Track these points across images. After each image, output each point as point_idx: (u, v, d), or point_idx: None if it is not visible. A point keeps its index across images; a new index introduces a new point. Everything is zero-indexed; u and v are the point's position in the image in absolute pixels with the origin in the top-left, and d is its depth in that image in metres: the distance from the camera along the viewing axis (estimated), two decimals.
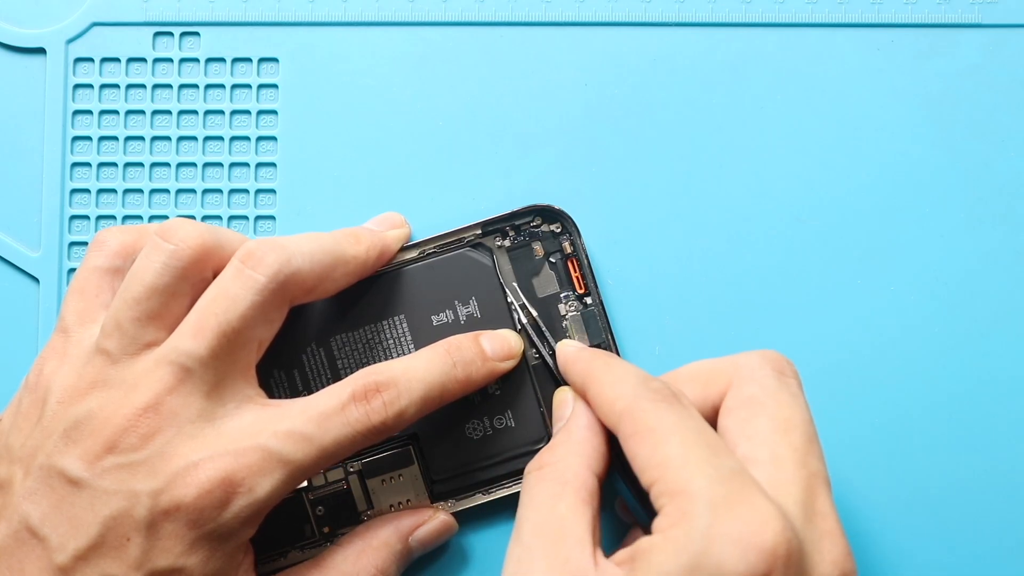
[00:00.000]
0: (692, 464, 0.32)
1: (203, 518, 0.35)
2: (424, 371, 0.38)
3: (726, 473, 0.32)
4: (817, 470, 0.33)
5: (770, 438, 0.34)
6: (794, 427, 0.34)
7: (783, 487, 0.33)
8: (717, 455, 0.32)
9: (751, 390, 0.35)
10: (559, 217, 0.42)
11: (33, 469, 0.36)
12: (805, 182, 0.43)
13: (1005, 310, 0.43)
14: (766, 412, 0.34)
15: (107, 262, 0.39)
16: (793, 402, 0.35)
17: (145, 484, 0.35)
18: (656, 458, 0.33)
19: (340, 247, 0.39)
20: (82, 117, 0.44)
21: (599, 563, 0.32)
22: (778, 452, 0.33)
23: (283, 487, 0.36)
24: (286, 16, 0.44)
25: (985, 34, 0.44)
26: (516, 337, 0.41)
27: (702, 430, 0.33)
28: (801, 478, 0.33)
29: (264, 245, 0.37)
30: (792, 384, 0.35)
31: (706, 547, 0.30)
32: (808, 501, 0.33)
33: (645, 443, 0.33)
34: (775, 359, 0.36)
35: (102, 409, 0.36)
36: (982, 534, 0.42)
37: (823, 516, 0.33)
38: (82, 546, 0.35)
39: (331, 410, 0.36)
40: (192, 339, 0.36)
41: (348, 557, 0.39)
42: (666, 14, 0.44)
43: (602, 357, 0.37)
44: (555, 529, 0.33)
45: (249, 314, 0.36)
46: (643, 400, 0.34)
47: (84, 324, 0.38)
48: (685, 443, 0.33)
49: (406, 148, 0.43)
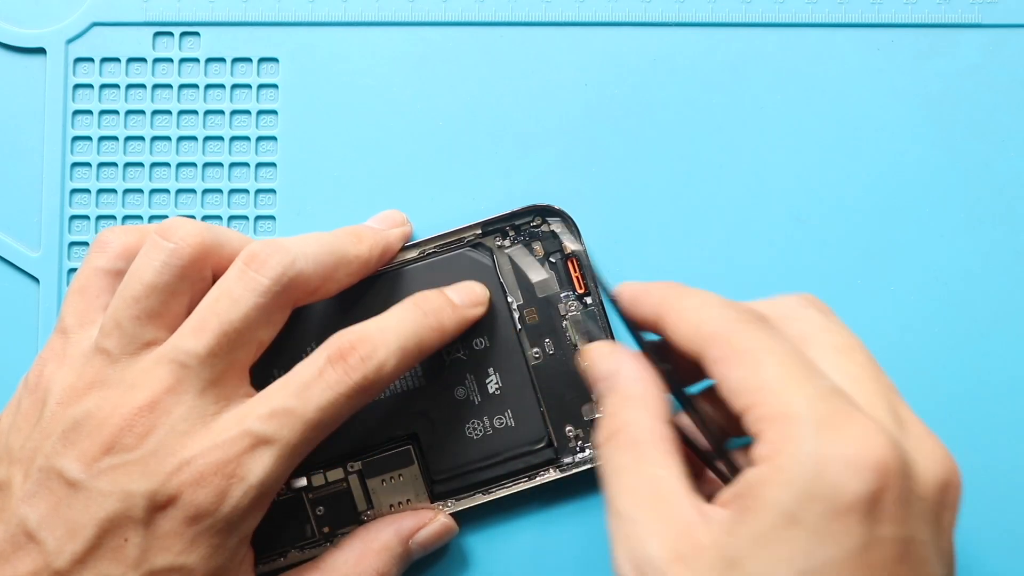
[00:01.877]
0: (792, 385, 0.31)
1: (201, 513, 0.35)
2: (396, 323, 0.37)
3: (825, 392, 0.31)
4: (888, 383, 0.33)
5: (837, 361, 0.33)
6: (853, 348, 0.33)
7: (869, 402, 0.32)
8: (814, 375, 0.31)
9: (799, 326, 0.34)
10: (559, 217, 0.42)
11: (32, 471, 0.36)
12: (805, 182, 0.43)
13: (1005, 310, 0.43)
14: (821, 342, 0.33)
15: (109, 263, 0.39)
16: (843, 329, 0.34)
17: (140, 484, 0.35)
18: (754, 381, 0.31)
19: (343, 247, 0.39)
20: (82, 117, 0.44)
21: (704, 511, 0.31)
22: (851, 371, 0.32)
23: (277, 469, 0.35)
24: (286, 16, 0.44)
25: (985, 34, 0.44)
26: (480, 286, 0.41)
27: (796, 352, 0.32)
28: (880, 391, 0.32)
29: (268, 247, 0.37)
30: (835, 317, 0.35)
31: (819, 471, 0.29)
32: (896, 411, 0.32)
33: (740, 366, 0.32)
34: (812, 299, 0.35)
35: (100, 409, 0.35)
36: (982, 534, 0.42)
37: (912, 422, 0.32)
38: (79, 550, 0.35)
39: (309, 378, 0.36)
40: (192, 338, 0.36)
41: (348, 560, 0.39)
42: (666, 14, 0.44)
43: (676, 286, 0.36)
44: (650, 492, 0.32)
45: (251, 315, 0.36)
46: (733, 322, 0.33)
47: (84, 325, 0.38)
48: (783, 364, 0.31)
49: (406, 148, 0.43)
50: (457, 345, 0.41)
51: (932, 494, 0.31)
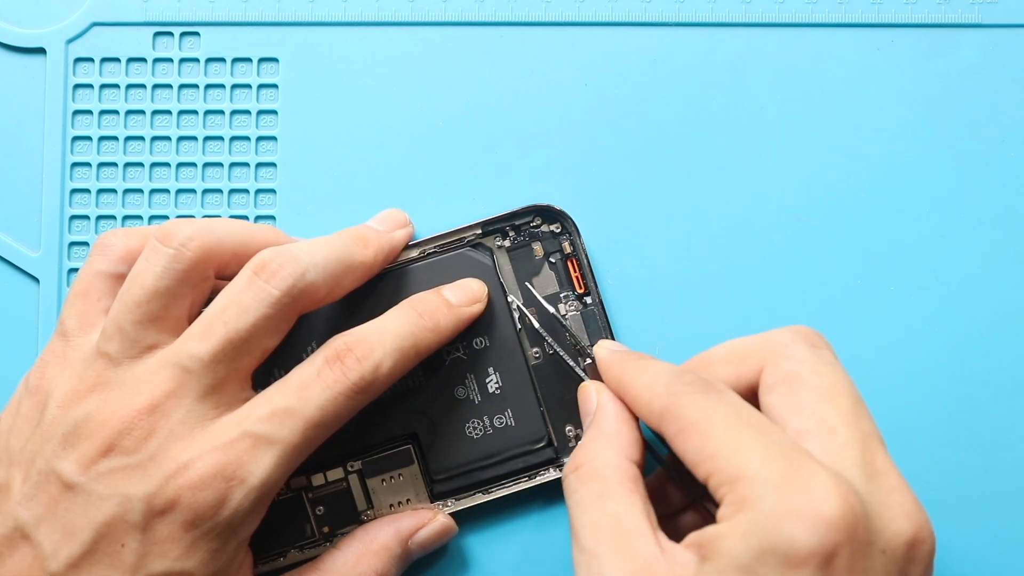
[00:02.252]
0: (743, 448, 0.31)
1: (200, 517, 0.35)
2: (393, 325, 0.38)
3: (778, 450, 0.31)
4: (870, 430, 0.33)
5: (817, 408, 0.33)
6: (839, 393, 0.33)
7: (839, 453, 0.32)
8: (765, 433, 0.32)
9: (788, 365, 0.34)
10: (559, 217, 0.42)
11: (32, 473, 0.36)
12: (805, 182, 0.43)
13: (1005, 310, 0.42)
14: (807, 384, 0.34)
15: (110, 267, 0.38)
16: (832, 370, 0.34)
17: (138, 488, 0.35)
18: (706, 451, 0.32)
19: (351, 254, 0.38)
20: (82, 117, 0.44)
21: (665, 548, 0.32)
22: (827, 420, 0.33)
23: (277, 470, 0.35)
24: (286, 16, 0.44)
25: (985, 34, 0.44)
26: (479, 283, 0.41)
27: (744, 412, 0.33)
28: (855, 440, 0.32)
29: (280, 257, 0.36)
30: (828, 354, 0.35)
31: (774, 527, 0.30)
32: (867, 462, 0.32)
33: (691, 438, 0.33)
34: (807, 333, 0.35)
35: (100, 411, 0.35)
36: (982, 534, 0.42)
37: (885, 474, 0.32)
38: (75, 553, 0.35)
39: (307, 378, 0.36)
40: (197, 342, 0.36)
41: (348, 560, 0.39)
42: (666, 14, 0.44)
43: (634, 359, 0.37)
44: (612, 527, 0.33)
45: (259, 325, 0.36)
46: (679, 396, 0.34)
47: (85, 329, 0.38)
48: (730, 429, 0.32)
49: (406, 148, 0.43)
50: (457, 345, 0.41)
51: (897, 550, 0.31)
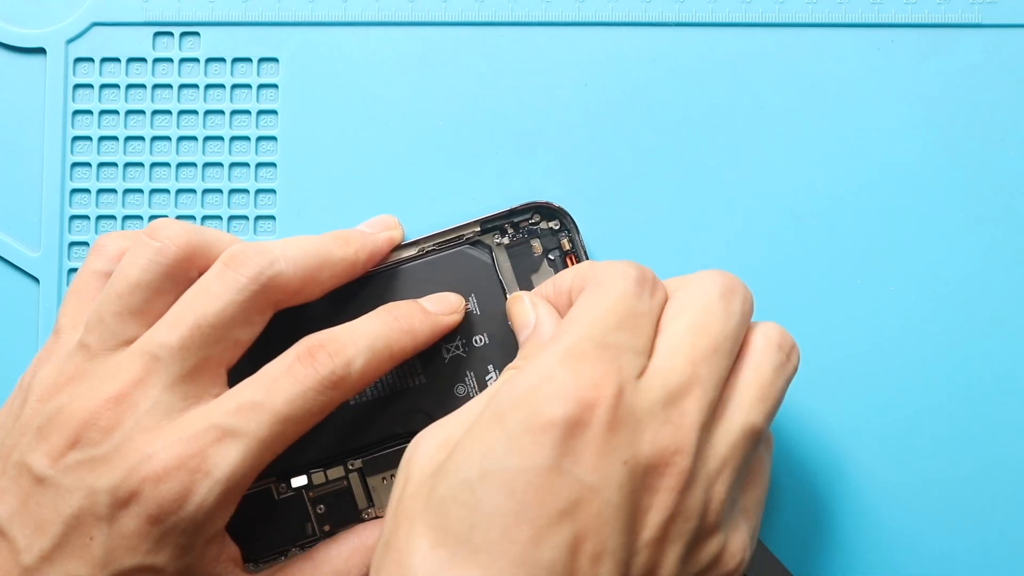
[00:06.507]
0: (576, 323, 0.33)
1: (164, 511, 0.34)
2: (366, 326, 0.38)
3: (598, 339, 0.33)
4: (702, 377, 0.33)
5: (677, 336, 0.34)
6: (705, 334, 0.34)
7: (658, 376, 0.33)
8: (603, 328, 0.33)
9: (689, 297, 0.35)
10: (557, 214, 0.42)
11: (8, 467, 0.36)
12: (805, 182, 0.43)
13: (1005, 310, 0.42)
14: (687, 315, 0.34)
15: (104, 266, 0.39)
16: (717, 315, 0.34)
17: (103, 480, 0.34)
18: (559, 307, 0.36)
19: (327, 249, 0.38)
20: (82, 117, 0.44)
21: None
22: (673, 346, 0.33)
23: (244, 464, 0.35)
24: (286, 16, 0.44)
25: (985, 34, 0.44)
26: (456, 296, 0.41)
27: (614, 311, 0.34)
28: (678, 375, 0.33)
29: (249, 248, 0.37)
30: (733, 302, 0.35)
31: (537, 386, 0.32)
32: (671, 398, 0.32)
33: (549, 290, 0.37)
34: (727, 280, 0.35)
35: (71, 403, 0.35)
36: (982, 533, 0.42)
37: (680, 413, 0.32)
38: (47, 547, 0.34)
39: (278, 373, 0.36)
40: (166, 330, 0.36)
41: (341, 553, 0.39)
42: (666, 14, 0.44)
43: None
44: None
45: (227, 312, 0.36)
46: (569, 272, 0.37)
47: (76, 326, 0.38)
48: (586, 306, 0.34)
49: (406, 148, 0.43)
50: (457, 342, 0.41)
51: (645, 462, 0.32)
